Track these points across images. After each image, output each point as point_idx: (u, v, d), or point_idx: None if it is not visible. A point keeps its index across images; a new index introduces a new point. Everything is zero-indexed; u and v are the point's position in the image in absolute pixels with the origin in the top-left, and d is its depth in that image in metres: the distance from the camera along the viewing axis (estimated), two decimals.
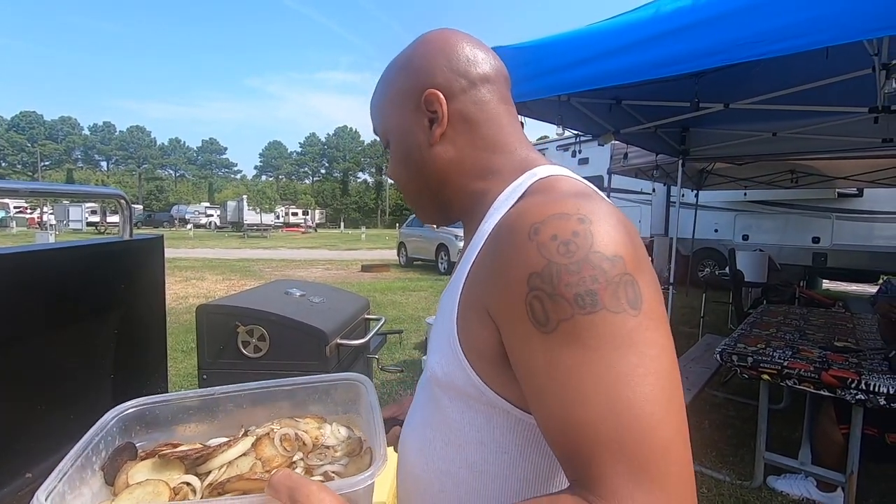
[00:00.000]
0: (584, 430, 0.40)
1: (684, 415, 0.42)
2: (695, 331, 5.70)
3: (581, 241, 0.43)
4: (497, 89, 0.63)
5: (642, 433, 0.39)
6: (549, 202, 0.48)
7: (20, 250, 0.96)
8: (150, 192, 66.28)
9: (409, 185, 0.66)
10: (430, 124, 0.61)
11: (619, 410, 0.39)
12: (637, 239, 0.47)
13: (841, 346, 2.70)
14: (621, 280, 0.42)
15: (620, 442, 0.39)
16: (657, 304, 0.44)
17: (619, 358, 0.40)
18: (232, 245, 22.77)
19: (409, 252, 13.18)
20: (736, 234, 9.13)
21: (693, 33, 2.08)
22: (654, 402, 0.40)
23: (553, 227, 0.44)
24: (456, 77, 0.60)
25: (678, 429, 0.40)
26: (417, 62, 0.62)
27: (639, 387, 0.40)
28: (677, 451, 0.40)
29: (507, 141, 0.61)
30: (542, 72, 2.66)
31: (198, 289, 9.00)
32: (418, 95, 0.60)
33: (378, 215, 66.94)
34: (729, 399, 3.84)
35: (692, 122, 4.69)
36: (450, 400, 0.56)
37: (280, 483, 0.47)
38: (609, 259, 0.42)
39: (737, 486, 2.61)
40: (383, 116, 0.66)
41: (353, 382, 0.77)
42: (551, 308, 0.42)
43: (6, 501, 0.90)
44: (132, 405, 0.73)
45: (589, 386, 0.40)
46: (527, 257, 0.44)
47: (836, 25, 1.68)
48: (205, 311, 1.85)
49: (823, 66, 2.49)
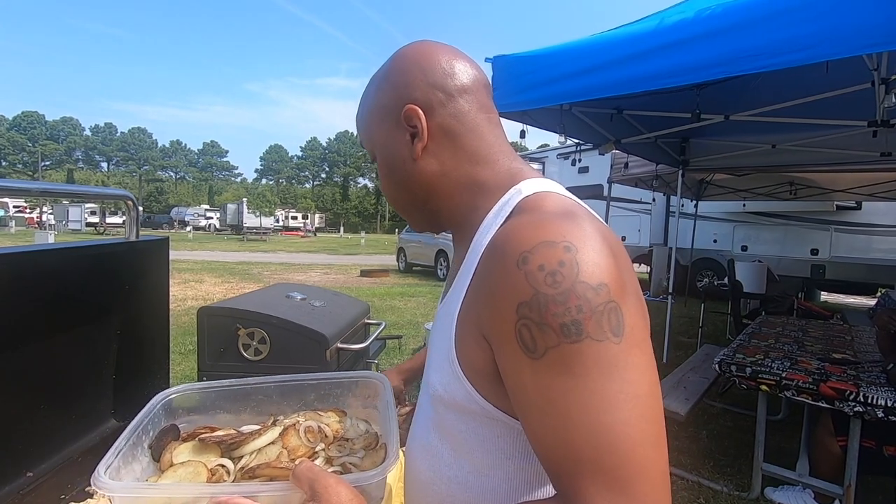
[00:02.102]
0: (567, 450, 0.43)
1: (662, 432, 0.45)
2: (693, 341, 5.70)
3: (567, 271, 0.45)
4: (476, 98, 0.63)
5: (619, 455, 0.42)
6: (537, 226, 0.49)
7: (25, 250, 0.97)
8: (150, 193, 66.30)
9: (398, 198, 0.67)
10: (412, 139, 0.61)
11: (599, 433, 0.42)
12: (622, 259, 0.49)
13: (839, 358, 2.71)
14: (605, 308, 0.44)
15: (600, 462, 0.42)
16: (640, 327, 0.46)
17: (601, 384, 0.43)
18: (231, 248, 22.75)
19: (409, 258, 13.18)
20: (735, 245, 9.15)
21: (695, 46, 2.11)
22: (632, 426, 0.42)
23: (540, 257, 0.46)
24: (433, 90, 0.60)
25: (654, 448, 0.43)
26: (395, 77, 0.62)
27: (618, 411, 0.42)
28: (653, 470, 0.42)
29: (490, 152, 0.62)
30: (544, 81, 2.68)
31: (196, 291, 8.99)
32: (398, 111, 0.61)
33: (378, 220, 66.97)
34: (727, 409, 3.84)
35: (692, 133, 4.73)
36: (454, 415, 0.58)
37: (302, 474, 0.55)
38: (593, 288, 0.44)
39: (734, 497, 2.61)
40: (368, 131, 0.67)
41: (372, 380, 0.85)
42: (539, 336, 0.44)
43: (8, 500, 0.90)
44: (175, 391, 0.83)
45: (573, 410, 0.43)
46: (515, 286, 0.46)
47: (836, 40, 1.71)
48: (206, 313, 1.86)
49: (823, 79, 2.51)
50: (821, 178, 6.16)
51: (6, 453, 0.94)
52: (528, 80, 2.74)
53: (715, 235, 9.36)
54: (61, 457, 1.02)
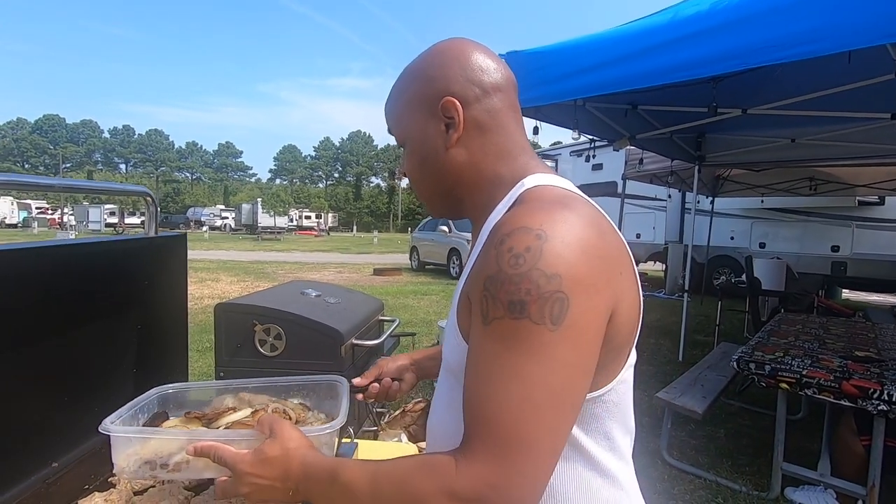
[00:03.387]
0: (476, 404, 0.50)
1: (562, 422, 0.50)
2: (710, 339, 5.62)
3: (530, 256, 0.50)
4: (507, 97, 0.68)
5: (511, 423, 0.47)
6: (523, 214, 0.54)
7: (49, 244, 0.99)
8: (167, 194, 67.38)
9: (424, 184, 0.71)
10: (447, 129, 0.66)
11: (504, 399, 0.48)
12: (598, 255, 0.52)
13: (862, 356, 2.65)
14: (551, 297, 0.48)
15: (493, 423, 0.48)
16: (585, 323, 0.50)
17: (522, 361, 0.48)
18: (246, 247, 23.03)
19: (421, 256, 13.20)
20: (752, 242, 9.00)
21: (711, 37, 2.08)
22: (531, 403, 0.48)
23: (513, 240, 0.51)
24: (470, 85, 0.65)
25: (548, 431, 0.48)
26: (433, 71, 0.66)
27: (527, 388, 0.48)
28: (535, 450, 0.48)
29: (512, 148, 0.67)
30: (557, 76, 2.67)
31: (213, 290, 9.11)
32: (435, 102, 0.65)
33: (390, 219, 67.19)
34: (745, 408, 3.78)
35: (709, 128, 4.66)
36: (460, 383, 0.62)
37: (265, 420, 0.69)
38: (547, 276, 0.49)
39: (753, 497, 2.57)
40: (399, 120, 0.71)
41: (334, 382, 0.98)
42: (491, 307, 0.50)
43: (34, 489, 0.93)
44: (169, 386, 0.94)
45: (493, 374, 0.49)
46: (489, 262, 0.52)
47: (859, 29, 1.66)
48: (223, 309, 1.88)
49: (845, 70, 2.46)
50: (842, 172, 6.03)
51: (33, 444, 0.97)
52: (542, 76, 2.72)
53: (732, 232, 9.21)
54: (84, 448, 1.04)
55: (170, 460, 0.75)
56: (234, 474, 0.64)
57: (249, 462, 0.63)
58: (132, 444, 0.76)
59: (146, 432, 0.80)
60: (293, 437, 0.64)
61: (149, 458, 0.75)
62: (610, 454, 0.61)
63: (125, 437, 0.76)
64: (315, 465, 0.60)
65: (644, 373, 4.65)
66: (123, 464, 0.76)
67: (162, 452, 0.75)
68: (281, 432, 0.65)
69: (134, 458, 0.76)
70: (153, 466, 0.75)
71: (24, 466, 0.94)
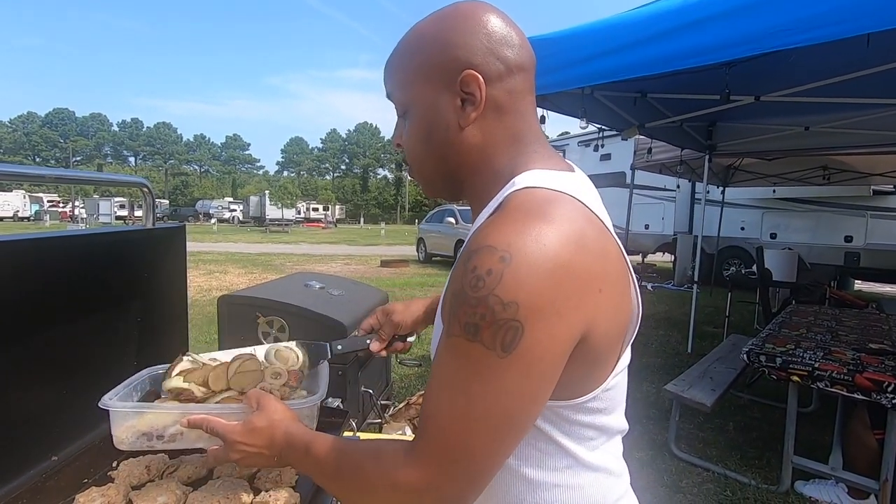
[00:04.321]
0: (429, 407, 0.53)
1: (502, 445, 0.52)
2: (719, 331, 5.57)
3: (490, 280, 0.48)
4: (528, 78, 0.61)
5: (454, 433, 0.50)
6: (494, 229, 0.52)
7: (47, 235, 0.98)
8: (175, 186, 67.87)
9: (424, 161, 0.64)
10: (463, 105, 0.59)
11: (450, 411, 0.51)
12: (569, 275, 0.49)
13: (876, 349, 2.60)
14: (505, 325, 0.48)
15: (438, 429, 0.51)
16: (539, 353, 0.49)
17: (469, 380, 0.50)
18: (254, 239, 23.16)
19: (428, 248, 13.19)
20: (763, 233, 8.87)
21: (724, 22, 2.01)
22: (475, 421, 0.50)
23: (477, 259, 0.50)
24: (495, 60, 0.58)
25: (480, 449, 0.50)
26: (454, 37, 0.58)
27: (471, 406, 0.50)
28: (471, 461, 0.50)
29: (526, 135, 0.62)
30: (565, 64, 2.61)
31: (221, 282, 9.17)
32: (454, 73, 0.58)
33: (398, 211, 67.22)
34: (754, 401, 3.73)
35: (720, 116, 4.57)
36: None
37: (252, 394, 0.75)
38: (503, 304, 0.48)
39: (763, 490, 2.54)
40: (406, 86, 0.63)
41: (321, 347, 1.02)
42: (452, 323, 0.51)
43: (34, 483, 0.92)
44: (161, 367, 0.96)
45: (444, 385, 0.52)
46: (456, 277, 0.52)
47: (880, 11, 1.60)
48: (226, 301, 1.87)
49: (862, 55, 2.38)
50: (857, 161, 5.91)
51: (33, 438, 0.96)
52: (549, 64, 2.66)
53: (742, 223, 9.09)
54: (84, 441, 1.04)
55: (165, 432, 0.81)
56: (225, 443, 0.70)
57: (239, 432, 0.69)
58: (129, 417, 0.81)
59: (143, 407, 0.85)
60: (277, 409, 0.70)
61: (145, 431, 0.81)
62: (597, 453, 0.62)
63: (124, 412, 0.82)
64: (295, 436, 0.65)
65: (652, 365, 4.62)
66: (122, 436, 0.81)
67: (157, 425, 0.81)
68: (267, 405, 0.71)
69: (132, 430, 0.81)
70: (150, 438, 0.81)
71: (25, 459, 0.94)
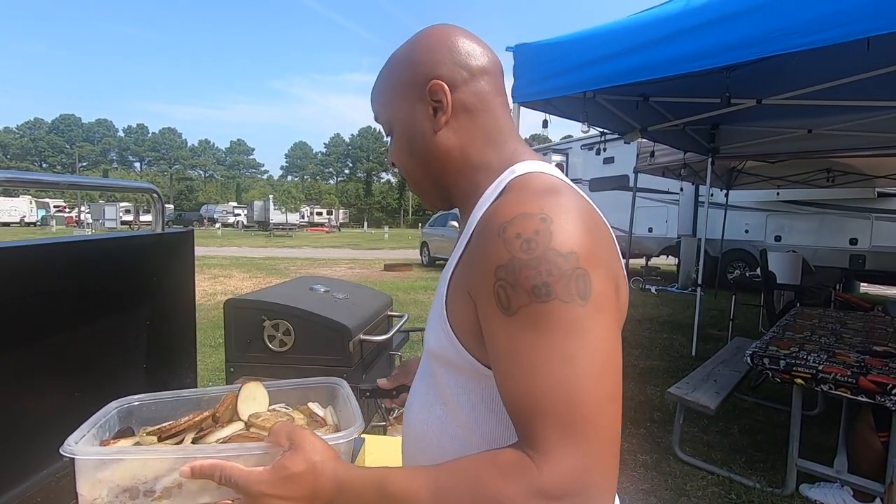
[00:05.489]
0: (528, 397, 0.48)
1: (617, 390, 0.49)
2: (724, 334, 5.55)
3: (541, 239, 0.50)
4: (494, 81, 0.67)
5: (573, 404, 0.46)
6: (518, 201, 0.54)
7: (58, 241, 1.00)
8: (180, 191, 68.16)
9: (413, 171, 0.70)
10: (434, 113, 0.65)
11: (557, 384, 0.47)
12: (598, 234, 0.54)
13: (881, 351, 2.59)
14: (573, 274, 0.49)
15: (555, 409, 0.46)
16: (606, 295, 0.51)
17: (564, 341, 0.48)
18: (258, 244, 23.24)
19: (432, 252, 13.22)
20: (768, 236, 8.84)
21: (725, 26, 2.03)
22: (587, 379, 0.47)
23: (518, 226, 0.51)
24: (458, 69, 0.65)
25: (608, 400, 0.48)
26: (421, 55, 0.66)
27: (577, 366, 0.47)
28: (603, 421, 0.47)
29: (501, 133, 0.67)
30: (567, 68, 2.63)
31: (225, 286, 9.22)
32: (422, 86, 0.65)
33: (401, 215, 67.31)
34: (759, 404, 3.72)
35: (722, 119, 4.57)
36: (444, 370, 0.64)
37: (280, 429, 0.58)
38: (563, 255, 0.49)
39: (767, 493, 2.53)
40: (387, 106, 0.70)
41: (330, 384, 0.86)
42: (513, 296, 0.49)
43: (46, 482, 0.94)
44: (135, 398, 0.81)
45: (536, 362, 0.48)
46: (496, 251, 0.51)
47: (879, 14, 1.61)
48: (232, 305, 1.89)
49: (864, 58, 2.39)
50: (861, 163, 5.90)
51: (47, 439, 0.98)
52: (551, 69, 2.69)
53: (746, 226, 9.06)
54: None
55: (156, 485, 0.61)
56: (249, 496, 0.54)
57: (268, 481, 0.53)
58: (103, 467, 0.61)
59: (125, 451, 0.65)
60: (317, 447, 0.55)
61: (128, 485, 0.61)
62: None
63: (95, 461, 0.61)
64: (353, 479, 0.53)
65: (656, 368, 4.61)
66: (93, 494, 0.61)
67: (144, 476, 0.61)
68: (303, 443, 0.55)
69: (107, 485, 0.61)
70: (134, 495, 0.61)
71: (39, 460, 0.96)
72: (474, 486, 0.47)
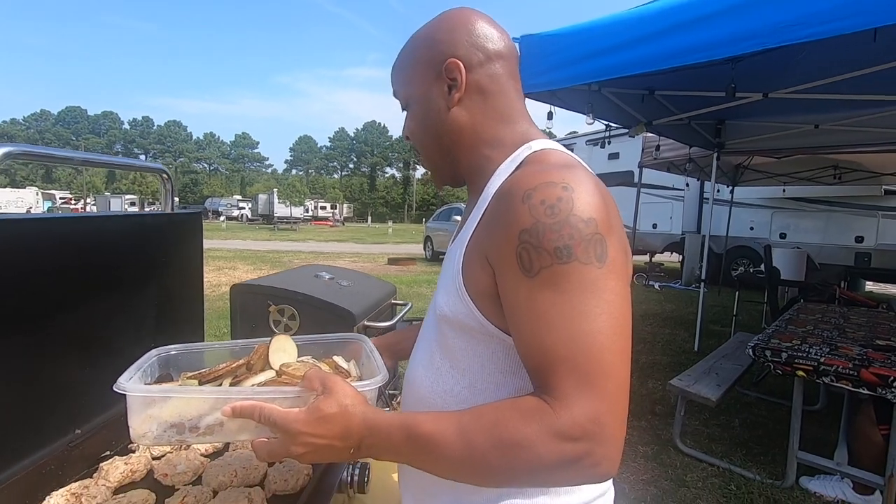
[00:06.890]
0: (547, 350, 0.52)
1: (628, 347, 0.54)
2: (727, 329, 5.54)
3: (563, 205, 0.54)
4: (508, 65, 0.71)
5: (590, 356, 0.51)
6: (540, 172, 0.58)
7: (72, 217, 1.02)
8: (185, 185, 68.34)
9: (425, 145, 0.74)
10: (449, 90, 0.69)
11: (575, 338, 0.51)
12: (611, 205, 0.58)
13: (883, 345, 2.59)
14: (592, 238, 0.53)
15: (573, 361, 0.51)
16: (620, 261, 0.55)
17: (582, 299, 0.52)
18: (262, 237, 23.32)
19: (435, 246, 13.23)
20: (773, 233, 8.80)
21: (731, 16, 2.02)
22: (603, 335, 0.51)
23: (542, 193, 0.55)
24: (475, 51, 0.68)
25: (620, 355, 0.52)
26: (440, 35, 0.70)
27: (593, 322, 0.52)
28: (616, 372, 0.51)
29: (512, 114, 0.71)
30: (572, 59, 2.63)
31: (230, 278, 9.27)
32: (440, 64, 0.69)
33: (405, 210, 67.30)
34: (761, 399, 3.73)
35: (728, 114, 4.54)
36: (455, 332, 0.67)
37: (314, 374, 0.63)
38: (584, 221, 0.54)
39: (767, 485, 2.54)
40: (405, 82, 0.74)
41: (354, 340, 0.94)
42: (535, 257, 0.53)
43: (57, 454, 0.96)
44: (173, 348, 0.89)
45: (556, 318, 0.52)
46: (519, 217, 0.55)
47: (888, 4, 1.60)
48: (238, 290, 1.91)
49: (872, 51, 2.37)
50: (868, 160, 5.85)
51: (58, 411, 1.00)
52: (557, 60, 2.68)
53: (751, 223, 9.02)
54: (106, 416, 1.08)
55: (200, 422, 0.65)
56: (287, 434, 0.58)
57: (304, 421, 0.57)
58: (153, 405, 0.66)
59: (173, 391, 0.70)
60: (348, 392, 0.60)
61: (175, 421, 0.66)
62: None
63: (144, 398, 0.66)
64: (381, 422, 0.57)
65: (658, 362, 4.62)
66: (143, 428, 0.66)
67: (188, 414, 0.66)
68: (335, 388, 0.60)
69: (156, 421, 0.66)
70: (180, 430, 0.66)
71: (51, 431, 0.98)
72: (497, 428, 0.51)
